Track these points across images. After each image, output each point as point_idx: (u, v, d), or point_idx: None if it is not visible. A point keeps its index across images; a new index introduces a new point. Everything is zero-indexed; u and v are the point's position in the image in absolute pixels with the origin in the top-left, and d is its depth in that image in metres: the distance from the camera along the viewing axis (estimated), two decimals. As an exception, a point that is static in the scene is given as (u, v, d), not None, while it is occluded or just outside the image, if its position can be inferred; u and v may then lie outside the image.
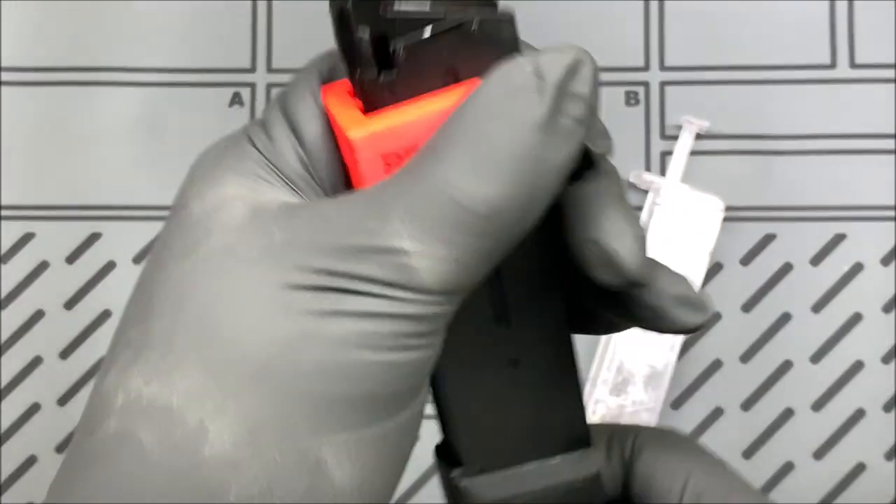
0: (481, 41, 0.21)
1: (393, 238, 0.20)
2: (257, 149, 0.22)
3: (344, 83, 0.23)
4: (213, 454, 0.19)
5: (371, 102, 0.21)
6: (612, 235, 0.22)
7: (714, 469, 0.27)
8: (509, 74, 0.20)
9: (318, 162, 0.22)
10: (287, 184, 0.22)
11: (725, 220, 0.48)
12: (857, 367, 0.48)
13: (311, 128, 0.22)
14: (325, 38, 0.58)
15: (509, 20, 0.21)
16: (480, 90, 0.20)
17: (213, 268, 0.21)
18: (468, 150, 0.20)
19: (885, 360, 0.48)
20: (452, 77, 0.21)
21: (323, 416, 0.20)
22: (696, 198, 0.48)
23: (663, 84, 0.50)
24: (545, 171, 0.20)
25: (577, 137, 0.21)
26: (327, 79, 0.23)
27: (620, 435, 0.28)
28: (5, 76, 0.51)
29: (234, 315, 0.20)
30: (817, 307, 0.49)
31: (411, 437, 0.22)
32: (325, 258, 0.20)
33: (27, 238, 0.51)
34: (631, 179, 0.49)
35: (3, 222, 0.51)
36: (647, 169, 0.50)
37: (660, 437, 0.28)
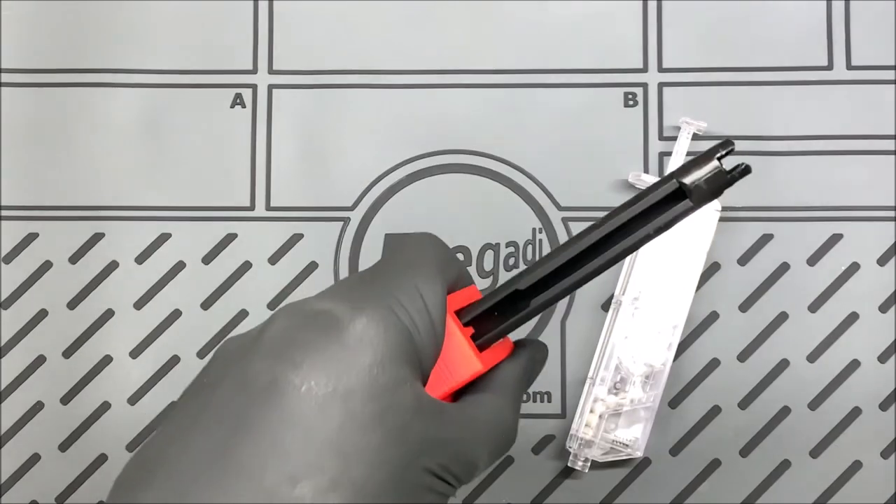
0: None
1: (478, 460, 0.32)
2: (413, 339, 0.31)
3: (453, 303, 0.34)
4: None
5: (483, 345, 0.34)
6: None
7: None
8: (530, 366, 0.37)
9: (438, 353, 0.32)
10: (424, 374, 0.32)
11: (722, 220, 0.49)
12: (854, 365, 0.49)
13: (442, 330, 0.32)
14: (325, 39, 0.58)
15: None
16: (516, 372, 0.36)
17: (395, 440, 0.29)
18: (517, 407, 0.35)
19: (882, 359, 0.49)
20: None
21: None
22: (694, 198, 0.48)
23: (661, 85, 0.51)
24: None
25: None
26: (451, 286, 0.35)
27: None
28: (7, 77, 0.52)
29: (399, 478, 0.29)
30: (814, 307, 0.49)
31: None
32: (447, 458, 0.31)
33: (30, 238, 0.51)
34: (630, 180, 0.49)
35: (7, 223, 0.51)
36: (646, 170, 0.50)
37: None
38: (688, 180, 0.31)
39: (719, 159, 0.31)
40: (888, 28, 0.50)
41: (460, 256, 0.50)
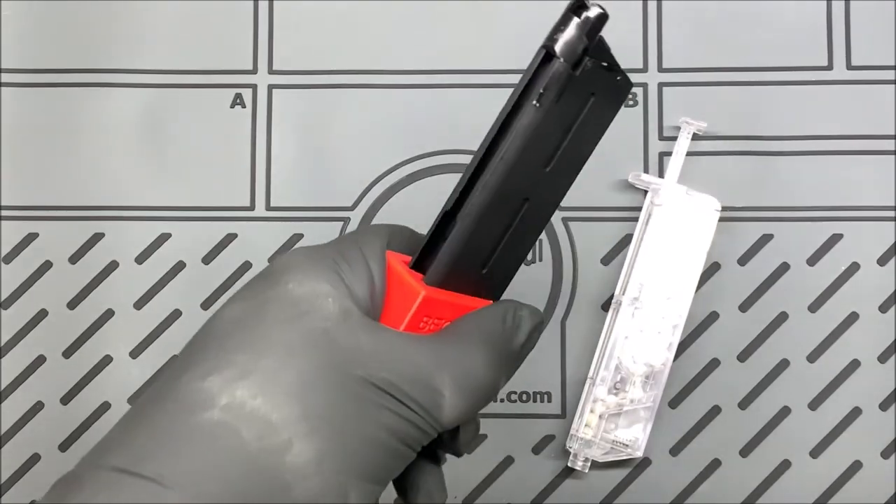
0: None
1: (441, 386, 0.31)
2: (340, 270, 0.32)
3: (402, 257, 0.34)
4: (290, 462, 0.28)
5: (433, 280, 0.33)
6: None
7: None
8: (505, 313, 0.34)
9: (377, 294, 0.32)
10: (355, 302, 0.31)
11: (722, 220, 0.49)
12: (854, 365, 0.49)
13: (379, 271, 0.32)
14: (325, 39, 0.58)
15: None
16: (487, 316, 0.33)
17: (315, 340, 0.30)
18: (489, 352, 0.32)
19: (882, 358, 0.49)
20: (475, 291, 0.34)
21: (358, 465, 0.29)
22: (694, 198, 0.48)
23: (661, 85, 0.51)
24: (513, 372, 0.34)
25: (523, 359, 0.34)
26: (388, 244, 0.34)
27: None
28: (7, 77, 0.52)
29: (325, 379, 0.29)
30: (814, 306, 0.49)
31: None
32: (394, 374, 0.30)
33: (30, 238, 0.51)
34: (630, 180, 0.49)
35: (6, 223, 0.51)
36: (646, 170, 0.50)
37: None
38: (555, 44, 0.32)
39: (576, 14, 0.32)
40: (888, 28, 0.50)
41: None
